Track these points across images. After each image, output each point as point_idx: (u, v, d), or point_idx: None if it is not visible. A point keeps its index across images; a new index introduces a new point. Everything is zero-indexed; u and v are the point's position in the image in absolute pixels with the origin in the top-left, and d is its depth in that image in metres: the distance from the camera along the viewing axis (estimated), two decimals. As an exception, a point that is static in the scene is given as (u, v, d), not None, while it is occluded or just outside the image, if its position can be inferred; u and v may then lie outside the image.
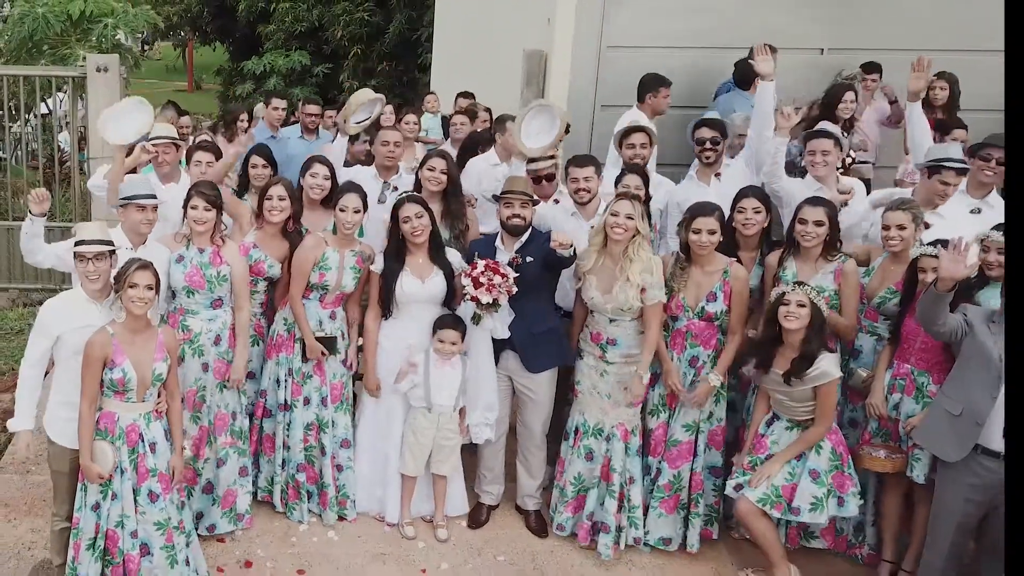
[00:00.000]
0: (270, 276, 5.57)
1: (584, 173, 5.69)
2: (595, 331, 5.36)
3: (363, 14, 18.89)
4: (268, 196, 5.47)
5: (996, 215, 5.65)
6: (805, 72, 8.48)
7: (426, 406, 5.44)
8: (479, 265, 5.19)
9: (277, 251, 5.55)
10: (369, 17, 18.86)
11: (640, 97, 7.48)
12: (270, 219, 5.47)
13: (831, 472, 4.97)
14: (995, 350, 4.59)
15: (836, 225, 5.28)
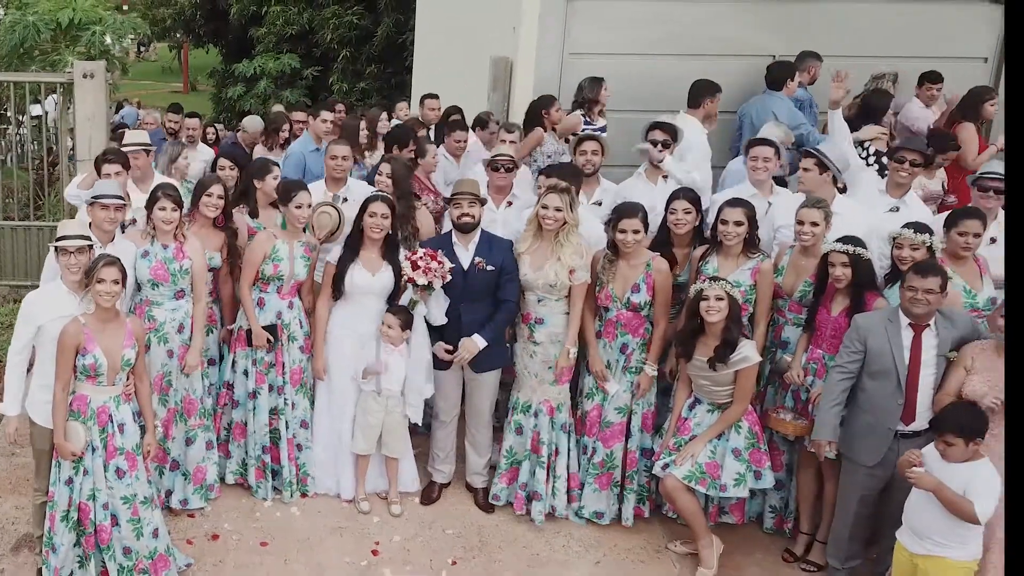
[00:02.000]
0: (212, 266, 5.99)
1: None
2: (525, 311, 5.84)
3: (352, 17, 19.24)
4: (208, 193, 5.91)
5: (913, 213, 6.10)
6: (756, 78, 8.87)
7: (375, 390, 5.86)
8: (419, 251, 5.66)
9: (213, 243, 5.97)
10: (358, 20, 19.21)
11: (694, 103, 7.78)
12: (205, 213, 5.90)
13: (749, 449, 5.41)
14: (893, 354, 5.02)
15: (755, 224, 5.69)
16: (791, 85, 8.34)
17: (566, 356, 5.71)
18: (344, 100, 19.04)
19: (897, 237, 5.40)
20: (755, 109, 8.29)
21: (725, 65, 9.00)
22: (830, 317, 5.46)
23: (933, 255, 5.34)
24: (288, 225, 5.93)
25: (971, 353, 4.96)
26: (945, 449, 4.56)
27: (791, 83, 8.34)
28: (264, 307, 5.93)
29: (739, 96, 8.88)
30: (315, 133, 7.92)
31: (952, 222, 5.57)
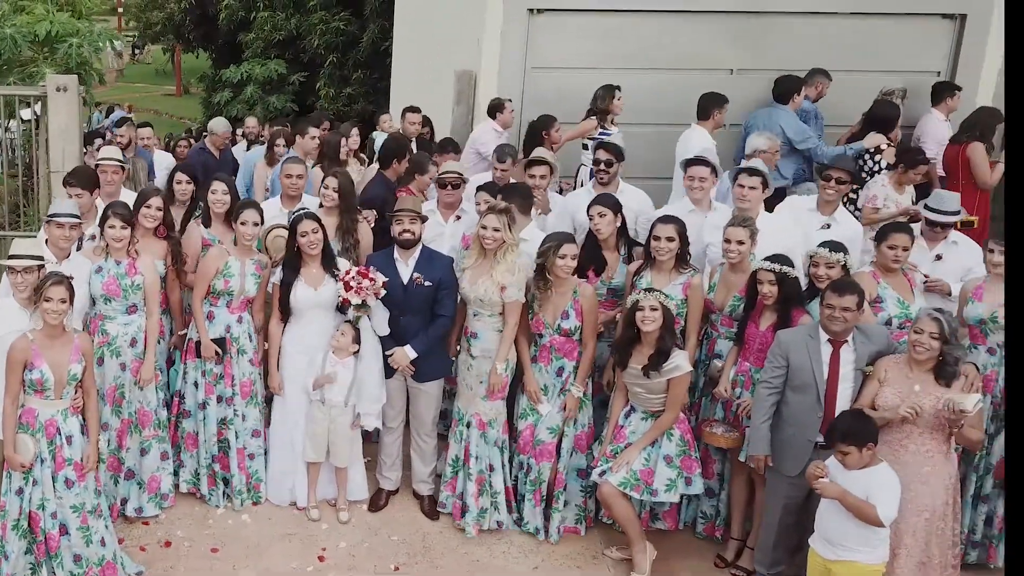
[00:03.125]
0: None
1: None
2: (465, 325, 6.06)
3: (339, 23, 19.37)
4: (147, 204, 6.12)
5: (843, 229, 6.31)
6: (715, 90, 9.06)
7: (320, 400, 6.06)
8: (351, 271, 5.86)
9: (157, 252, 6.16)
10: (345, 26, 19.34)
11: (703, 115, 8.03)
12: (144, 224, 6.08)
13: (680, 456, 5.61)
14: (813, 369, 5.22)
15: (686, 240, 5.88)
16: (797, 99, 8.56)
17: (495, 374, 5.90)
18: (331, 105, 19.35)
19: (813, 256, 5.60)
20: (761, 121, 8.49)
21: (685, 78, 9.22)
22: (758, 332, 5.65)
23: (848, 273, 5.54)
24: (238, 242, 6.11)
25: (885, 366, 5.16)
26: (842, 458, 4.78)
27: (797, 97, 8.55)
28: (214, 320, 6.13)
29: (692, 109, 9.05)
30: (302, 150, 8.05)
31: (882, 236, 5.78)
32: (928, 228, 6.31)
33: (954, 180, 8.12)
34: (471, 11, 9.56)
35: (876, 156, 8.18)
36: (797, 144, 8.41)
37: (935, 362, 5.00)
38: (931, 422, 4.99)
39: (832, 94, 9.00)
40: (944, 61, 9.32)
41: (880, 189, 7.37)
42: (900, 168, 7.40)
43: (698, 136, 7.84)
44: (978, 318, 5.69)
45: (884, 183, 7.39)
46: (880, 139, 8.19)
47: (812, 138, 8.40)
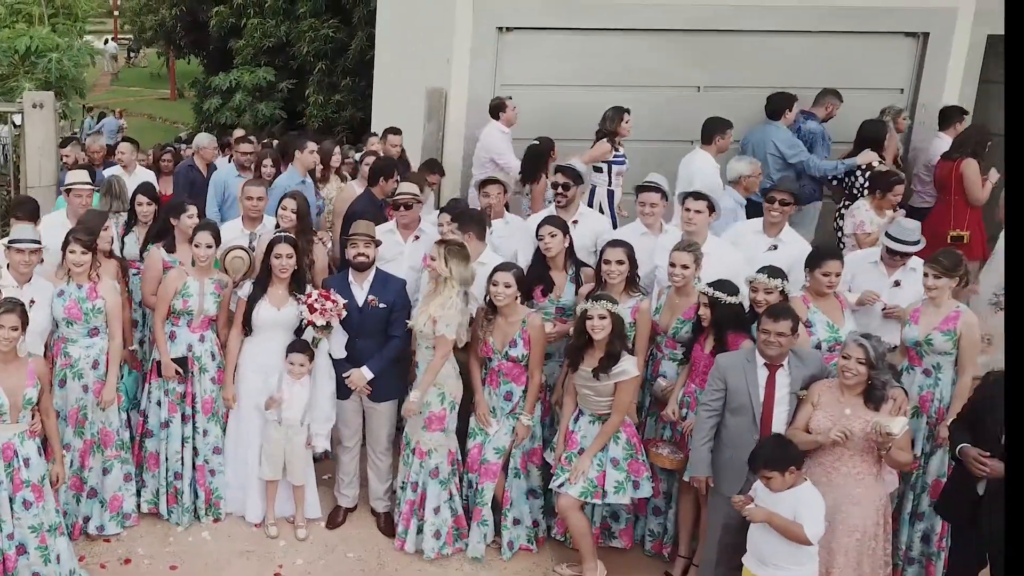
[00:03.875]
0: None
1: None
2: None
3: (328, 31, 19.44)
4: (105, 227, 6.36)
5: (790, 249, 6.48)
6: (683, 107, 9.22)
7: (277, 419, 6.21)
8: (313, 294, 6.01)
9: (109, 271, 6.33)
10: (333, 34, 19.41)
11: (707, 139, 8.15)
12: (101, 247, 6.26)
13: (627, 460, 5.76)
14: (750, 392, 5.37)
15: (635, 264, 6.03)
16: (788, 115, 8.73)
17: (411, 403, 6.05)
18: (319, 112, 19.48)
19: (752, 281, 5.74)
20: (756, 138, 8.72)
21: (654, 96, 9.39)
22: (703, 354, 5.80)
23: (786, 298, 5.68)
24: (195, 263, 6.26)
25: (818, 390, 5.31)
26: (767, 482, 4.93)
27: (789, 113, 8.73)
28: (176, 340, 6.30)
29: (667, 126, 9.22)
30: (302, 165, 8.14)
31: (815, 263, 5.94)
32: (888, 255, 6.46)
33: (946, 196, 8.33)
34: (441, 29, 9.72)
35: (868, 173, 8.34)
36: (790, 159, 8.61)
37: (864, 386, 5.14)
38: (861, 445, 5.13)
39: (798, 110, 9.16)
40: (907, 78, 9.50)
41: (865, 214, 7.53)
42: (877, 193, 7.55)
43: (701, 159, 8.00)
44: (914, 340, 5.84)
45: (867, 208, 7.54)
46: (873, 156, 8.38)
47: (803, 152, 8.59)
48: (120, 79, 37.76)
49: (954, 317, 5.75)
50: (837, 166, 8.51)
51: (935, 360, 5.80)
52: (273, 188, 7.84)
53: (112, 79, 37.51)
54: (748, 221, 6.98)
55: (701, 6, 9.13)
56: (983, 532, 5.14)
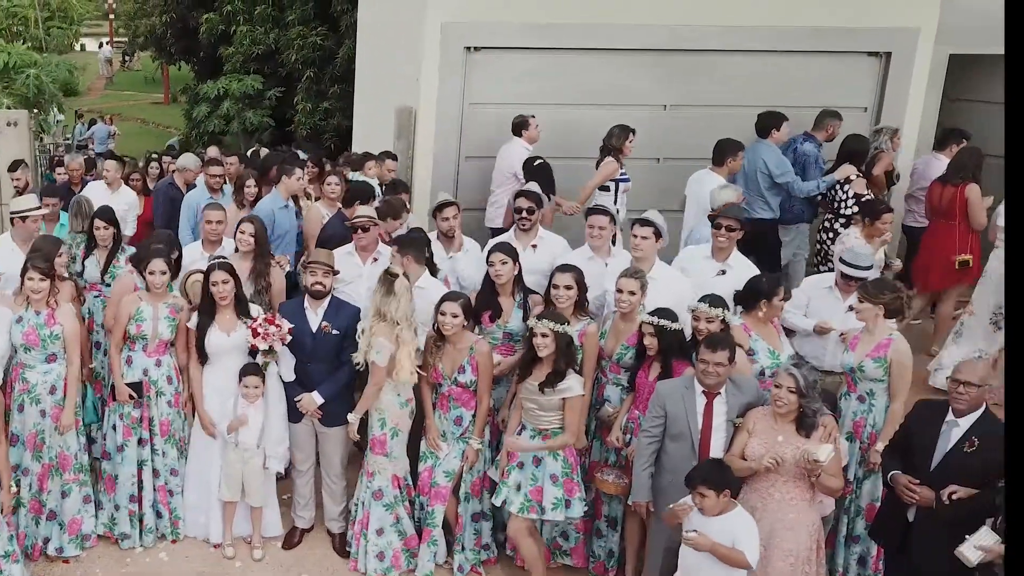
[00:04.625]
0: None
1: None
2: None
3: (316, 38, 19.54)
4: (60, 254, 6.51)
5: (739, 273, 6.60)
6: (650, 126, 9.33)
7: (234, 442, 6.34)
8: (259, 318, 6.14)
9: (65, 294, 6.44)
10: (322, 41, 19.51)
11: (719, 161, 8.33)
12: (58, 272, 6.41)
13: (564, 477, 5.87)
14: (688, 419, 5.49)
15: (584, 288, 6.15)
16: (776, 134, 8.89)
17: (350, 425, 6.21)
18: (307, 120, 19.57)
19: (694, 310, 5.86)
20: (747, 155, 8.81)
21: (621, 114, 9.45)
22: (647, 381, 5.92)
23: (727, 327, 5.80)
24: (149, 289, 6.38)
25: (753, 418, 5.43)
26: (700, 501, 5.04)
27: (776, 132, 8.89)
28: (132, 365, 6.41)
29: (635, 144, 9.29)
30: (287, 190, 8.19)
31: (772, 292, 6.10)
32: (843, 280, 6.60)
33: (951, 220, 8.46)
34: (410, 48, 9.83)
35: (846, 186, 8.54)
36: (776, 178, 8.77)
37: (796, 414, 5.27)
38: (793, 471, 5.25)
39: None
40: (870, 97, 9.61)
41: (854, 241, 7.63)
42: (865, 221, 7.68)
43: (710, 180, 8.14)
44: (849, 366, 5.99)
45: (856, 235, 7.66)
46: (851, 170, 8.54)
47: (789, 173, 8.74)
48: (115, 83, 37.96)
49: (885, 344, 5.88)
50: (819, 184, 8.67)
51: (868, 386, 5.93)
52: (256, 211, 7.89)
53: (107, 83, 37.70)
54: (696, 246, 7.08)
55: (667, 26, 9.23)
56: (913, 558, 5.27)
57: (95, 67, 39.54)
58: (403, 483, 6.34)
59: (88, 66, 39.94)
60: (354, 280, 6.96)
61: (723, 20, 9.21)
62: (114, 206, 8.53)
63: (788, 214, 9.08)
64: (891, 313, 5.94)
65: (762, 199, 8.82)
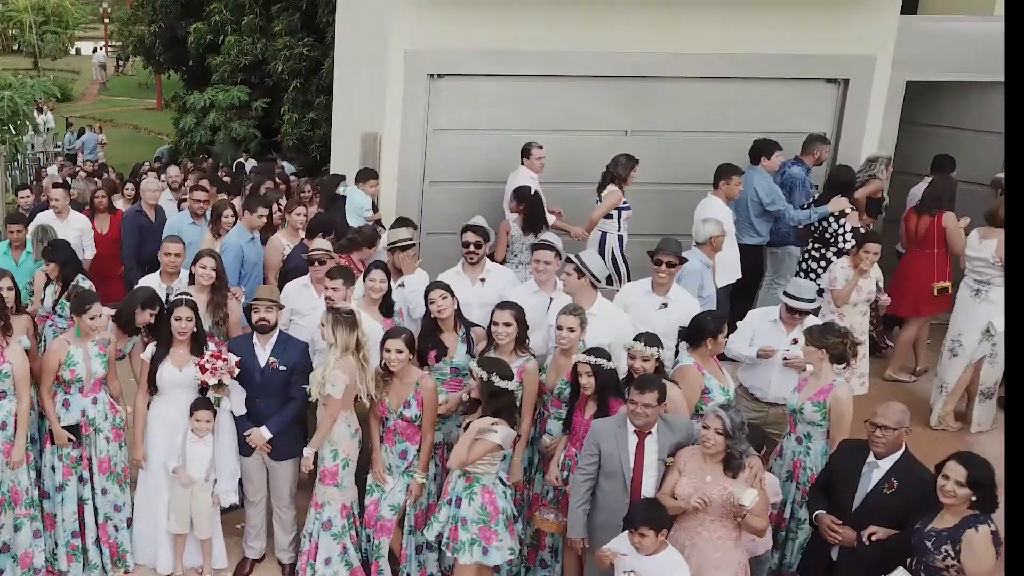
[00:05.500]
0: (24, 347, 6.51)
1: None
2: None
3: (303, 49, 19.62)
4: (10, 287, 6.64)
5: (680, 306, 6.80)
6: (612, 151, 9.44)
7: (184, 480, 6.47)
8: (206, 354, 6.28)
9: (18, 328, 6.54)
10: (308, 52, 19.59)
11: (715, 184, 8.51)
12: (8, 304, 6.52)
13: (478, 524, 5.91)
14: (620, 458, 5.61)
15: (524, 325, 6.28)
16: (766, 162, 9.10)
17: (305, 458, 6.33)
18: (294, 130, 19.68)
19: (630, 348, 5.98)
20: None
21: (582, 139, 9.66)
22: (583, 419, 6.04)
23: (662, 367, 5.93)
24: (82, 332, 6.47)
25: (684, 458, 5.56)
26: (639, 541, 5.17)
27: (767, 160, 9.09)
28: (70, 408, 6.50)
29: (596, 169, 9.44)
30: (249, 226, 8.32)
31: (717, 330, 6.24)
32: (787, 313, 6.73)
33: (927, 248, 8.64)
34: (375, 75, 9.97)
35: (841, 220, 8.70)
36: (767, 206, 8.97)
37: (724, 455, 5.39)
38: (720, 511, 5.38)
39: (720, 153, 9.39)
40: (829, 123, 9.74)
41: (840, 272, 7.83)
42: (852, 251, 7.85)
43: (715, 207, 8.35)
44: (791, 407, 6.11)
45: (844, 266, 7.84)
46: (844, 203, 8.70)
47: (780, 200, 8.93)
48: (108, 88, 38.09)
49: (827, 390, 5.98)
50: (811, 215, 8.84)
51: (806, 429, 6.05)
52: (224, 247, 8.00)
53: (100, 88, 37.83)
54: (636, 283, 7.21)
55: (628, 54, 9.36)
56: (837, 597, 5.41)
57: (90, 72, 39.73)
58: (351, 512, 6.46)
59: (83, 71, 40.24)
60: (309, 313, 7.08)
61: (682, 48, 9.34)
62: (66, 234, 8.75)
63: (776, 237, 9.29)
64: (836, 358, 6.03)
65: (751, 226, 9.00)
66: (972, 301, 8.02)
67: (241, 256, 8.03)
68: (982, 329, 7.87)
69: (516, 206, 8.58)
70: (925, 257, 8.67)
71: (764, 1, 9.21)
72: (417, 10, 9.26)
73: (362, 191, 9.31)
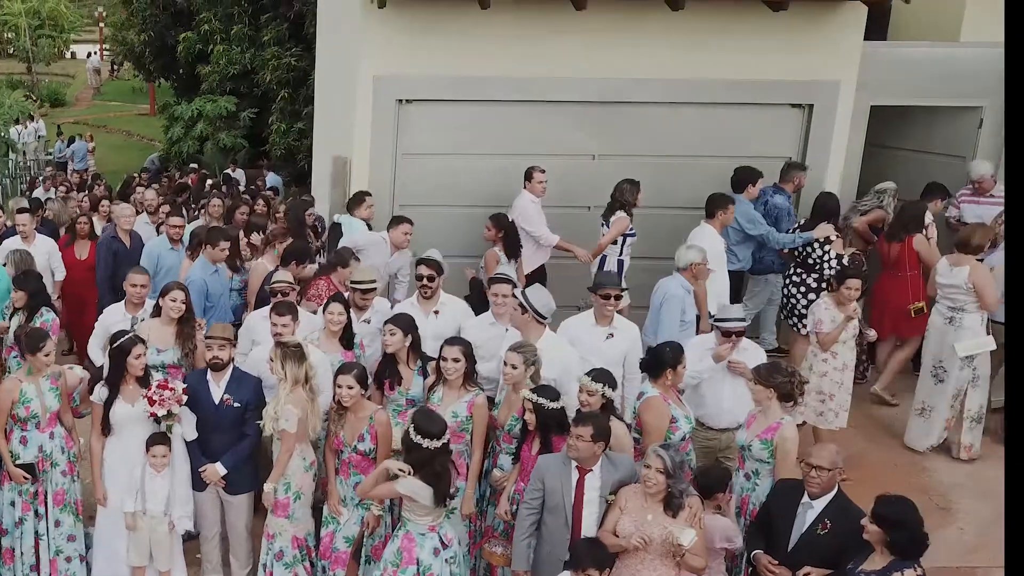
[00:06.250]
0: None
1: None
2: None
3: (291, 59, 19.70)
4: None
5: (626, 335, 6.99)
6: (579, 175, 9.56)
7: (141, 510, 6.57)
8: (152, 386, 6.38)
9: None
10: (296, 62, 19.66)
11: (710, 214, 8.65)
12: None
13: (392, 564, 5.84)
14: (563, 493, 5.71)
15: (472, 359, 6.38)
16: (752, 190, 9.24)
17: (265, 492, 6.42)
18: (282, 140, 19.74)
19: (580, 382, 6.08)
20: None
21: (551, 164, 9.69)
22: (531, 454, 6.14)
23: (609, 403, 6.03)
24: (33, 369, 6.57)
25: (625, 495, 5.65)
26: None
27: (752, 188, 9.24)
28: (27, 444, 6.60)
29: (563, 192, 9.53)
30: (212, 258, 8.41)
31: (677, 360, 6.33)
32: (723, 337, 6.83)
33: (901, 272, 8.80)
34: (345, 99, 10.06)
35: (826, 246, 8.83)
36: (750, 231, 9.12)
37: (664, 494, 5.49)
38: (660, 550, 5.46)
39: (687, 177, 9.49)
40: (794, 147, 9.82)
41: (824, 313, 7.83)
42: (832, 285, 7.95)
43: (707, 236, 8.50)
44: (740, 443, 6.21)
45: (827, 306, 7.85)
46: (829, 229, 8.84)
47: (762, 225, 9.09)
48: (103, 93, 38.18)
49: (774, 428, 6.05)
50: (795, 240, 8.97)
51: (754, 466, 6.14)
52: (189, 281, 8.03)
53: (94, 93, 37.92)
54: (580, 315, 7.28)
55: (594, 80, 9.45)
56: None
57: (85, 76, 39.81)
58: (303, 543, 6.55)
59: (78, 74, 40.34)
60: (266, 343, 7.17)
61: (647, 74, 9.42)
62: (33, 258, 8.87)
63: (759, 264, 9.42)
64: (783, 397, 6.11)
65: (731, 251, 9.10)
66: (946, 328, 8.08)
67: (205, 291, 8.12)
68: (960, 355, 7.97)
69: (495, 234, 8.67)
70: (899, 280, 8.81)
71: (728, 27, 9.28)
72: (385, 36, 9.35)
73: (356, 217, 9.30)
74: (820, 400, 7.83)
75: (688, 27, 9.22)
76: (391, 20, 9.17)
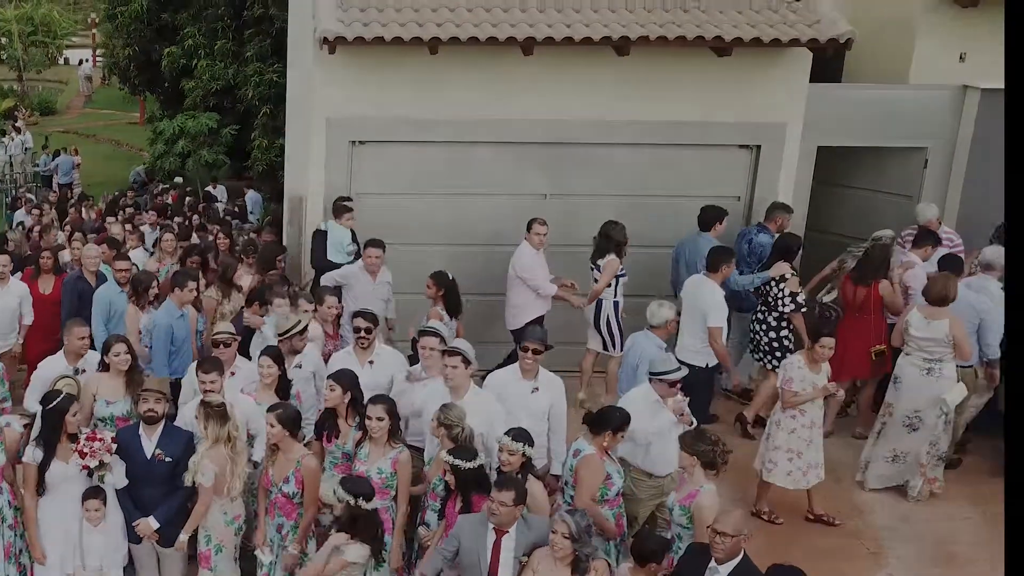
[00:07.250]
0: None
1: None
2: None
3: (272, 75, 19.81)
4: None
5: (550, 388, 7.13)
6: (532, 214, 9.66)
7: (81, 565, 6.71)
8: (81, 439, 6.52)
9: None
10: (278, 79, 19.74)
11: (713, 267, 8.60)
12: None
13: None
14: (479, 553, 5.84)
15: (396, 417, 6.53)
16: (718, 227, 9.37)
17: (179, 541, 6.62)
18: (264, 156, 19.84)
19: (499, 442, 6.22)
20: (688, 248, 9.40)
21: (503, 202, 9.88)
22: (455, 511, 6.28)
23: (530, 461, 6.17)
24: None
25: (538, 558, 5.79)
26: None
27: (719, 226, 9.37)
28: None
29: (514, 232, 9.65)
30: (180, 301, 8.36)
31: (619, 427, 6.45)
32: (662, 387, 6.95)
33: (865, 314, 8.92)
34: (299, 140, 10.22)
35: (781, 284, 8.94)
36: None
37: (571, 558, 5.63)
38: (569, 612, 5.62)
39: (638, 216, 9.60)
40: (743, 187, 9.96)
41: (796, 372, 7.83)
42: (807, 344, 8.01)
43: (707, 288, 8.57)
44: (668, 506, 6.37)
45: (800, 365, 7.85)
46: (785, 268, 8.94)
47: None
48: (94, 100, 38.29)
49: (693, 495, 6.15)
50: (754, 280, 9.11)
51: (677, 530, 6.26)
52: (155, 325, 8.19)
53: (85, 101, 38.03)
54: (504, 370, 7.43)
55: (544, 121, 9.60)
56: None
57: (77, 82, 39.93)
58: None
59: (70, 80, 40.45)
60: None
61: (596, 115, 9.58)
62: (6, 301, 9.01)
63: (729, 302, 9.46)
64: (706, 465, 6.19)
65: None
66: (924, 379, 8.11)
67: (171, 334, 8.19)
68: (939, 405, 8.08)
69: (435, 292, 8.60)
70: (862, 322, 8.92)
71: (674, 71, 9.43)
72: (337, 80, 9.52)
73: (340, 225, 9.46)
74: (788, 459, 7.82)
75: (634, 71, 9.37)
76: (342, 65, 9.32)
